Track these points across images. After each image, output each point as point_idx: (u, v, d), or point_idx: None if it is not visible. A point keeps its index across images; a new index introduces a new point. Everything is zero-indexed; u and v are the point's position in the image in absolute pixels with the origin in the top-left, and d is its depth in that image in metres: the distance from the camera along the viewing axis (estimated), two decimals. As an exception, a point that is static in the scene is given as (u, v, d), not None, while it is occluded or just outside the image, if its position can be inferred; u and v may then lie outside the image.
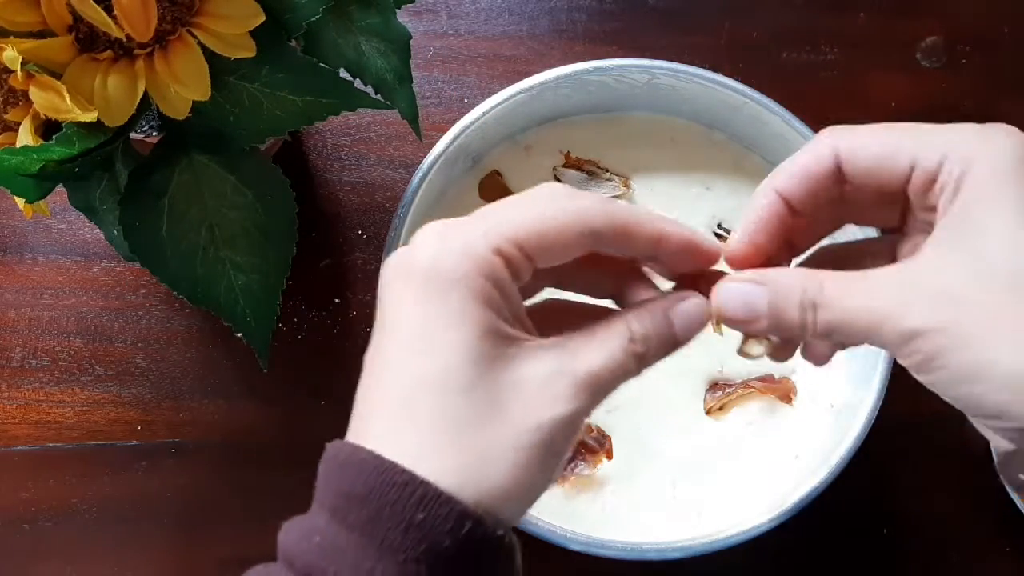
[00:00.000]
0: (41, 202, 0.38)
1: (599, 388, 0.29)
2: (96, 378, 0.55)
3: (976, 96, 0.61)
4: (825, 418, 0.51)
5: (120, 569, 0.52)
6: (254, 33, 0.37)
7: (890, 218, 0.34)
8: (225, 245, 0.42)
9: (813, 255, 0.36)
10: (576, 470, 0.49)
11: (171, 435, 0.54)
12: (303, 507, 0.29)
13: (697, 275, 0.33)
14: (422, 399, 0.28)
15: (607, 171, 0.55)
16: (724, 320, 0.32)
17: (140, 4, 0.34)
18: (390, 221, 0.49)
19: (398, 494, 0.27)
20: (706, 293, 0.32)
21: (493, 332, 0.29)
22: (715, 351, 0.51)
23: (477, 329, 0.28)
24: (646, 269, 0.34)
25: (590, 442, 0.50)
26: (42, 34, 0.35)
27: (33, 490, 0.53)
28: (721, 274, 0.32)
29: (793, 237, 0.34)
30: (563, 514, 0.48)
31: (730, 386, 0.51)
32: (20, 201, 0.38)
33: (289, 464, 0.45)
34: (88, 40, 0.36)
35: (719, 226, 0.54)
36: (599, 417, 0.51)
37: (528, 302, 0.32)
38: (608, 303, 0.34)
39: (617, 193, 0.54)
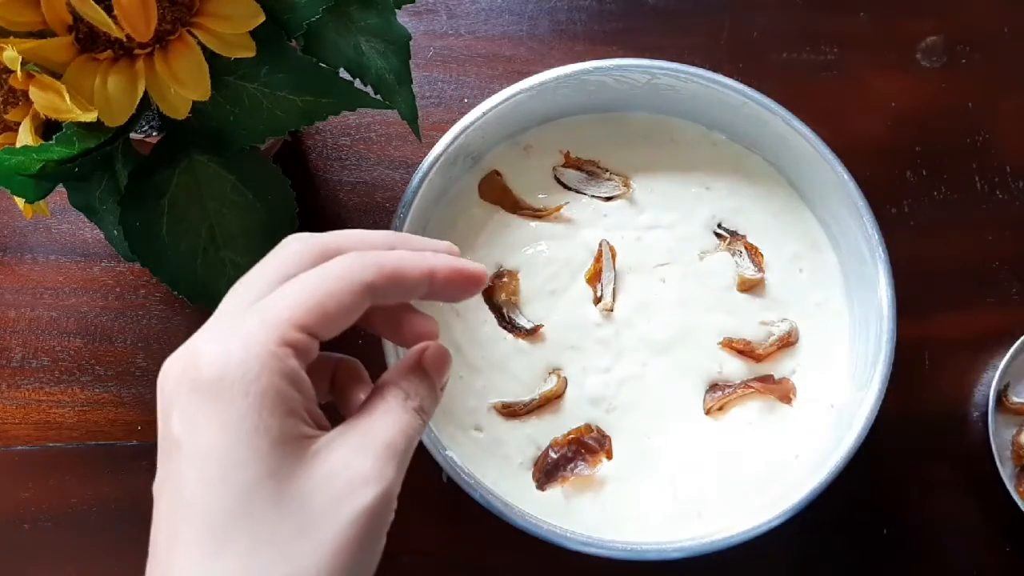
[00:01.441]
0: (41, 202, 0.38)
1: (400, 454, 0.29)
2: (96, 378, 0.55)
3: (976, 96, 0.61)
4: (825, 418, 0.51)
5: (120, 569, 0.52)
6: (254, 33, 0.37)
7: None
8: (225, 245, 0.42)
9: None
10: (576, 470, 0.49)
11: (171, 435, 0.54)
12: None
13: None
14: (228, 533, 0.26)
15: (607, 171, 0.54)
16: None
17: (140, 4, 0.34)
18: (390, 221, 0.49)
19: None
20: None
21: (288, 437, 0.28)
22: (715, 351, 0.52)
23: (272, 439, 0.27)
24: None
25: (590, 442, 0.50)
26: (42, 34, 0.35)
27: (33, 490, 0.53)
28: None
29: None
30: (563, 514, 0.48)
31: (730, 386, 0.51)
32: (20, 201, 0.38)
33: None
34: (88, 40, 0.36)
35: (719, 226, 0.54)
36: (599, 417, 0.51)
37: None
38: None
39: (617, 193, 0.54)
